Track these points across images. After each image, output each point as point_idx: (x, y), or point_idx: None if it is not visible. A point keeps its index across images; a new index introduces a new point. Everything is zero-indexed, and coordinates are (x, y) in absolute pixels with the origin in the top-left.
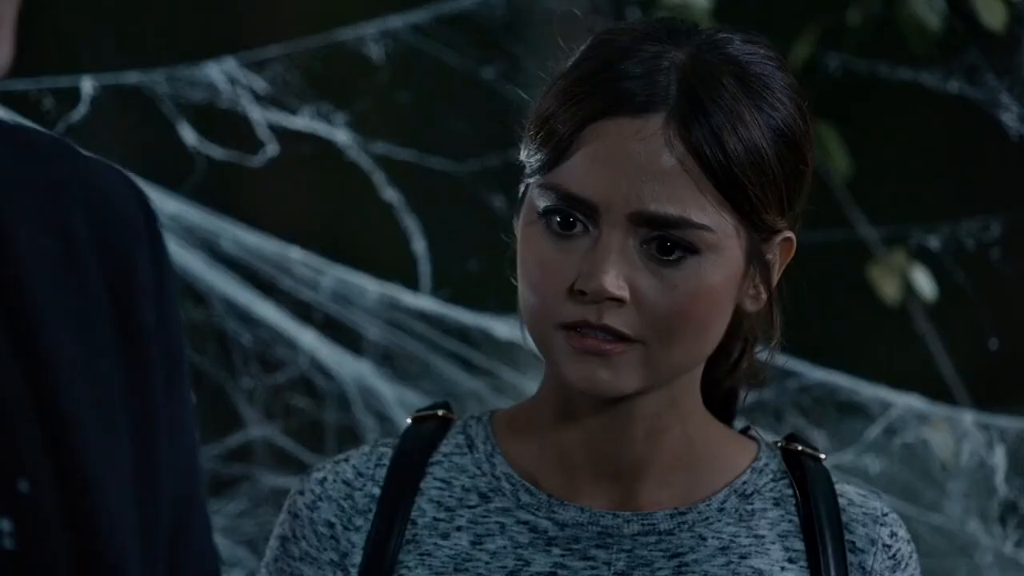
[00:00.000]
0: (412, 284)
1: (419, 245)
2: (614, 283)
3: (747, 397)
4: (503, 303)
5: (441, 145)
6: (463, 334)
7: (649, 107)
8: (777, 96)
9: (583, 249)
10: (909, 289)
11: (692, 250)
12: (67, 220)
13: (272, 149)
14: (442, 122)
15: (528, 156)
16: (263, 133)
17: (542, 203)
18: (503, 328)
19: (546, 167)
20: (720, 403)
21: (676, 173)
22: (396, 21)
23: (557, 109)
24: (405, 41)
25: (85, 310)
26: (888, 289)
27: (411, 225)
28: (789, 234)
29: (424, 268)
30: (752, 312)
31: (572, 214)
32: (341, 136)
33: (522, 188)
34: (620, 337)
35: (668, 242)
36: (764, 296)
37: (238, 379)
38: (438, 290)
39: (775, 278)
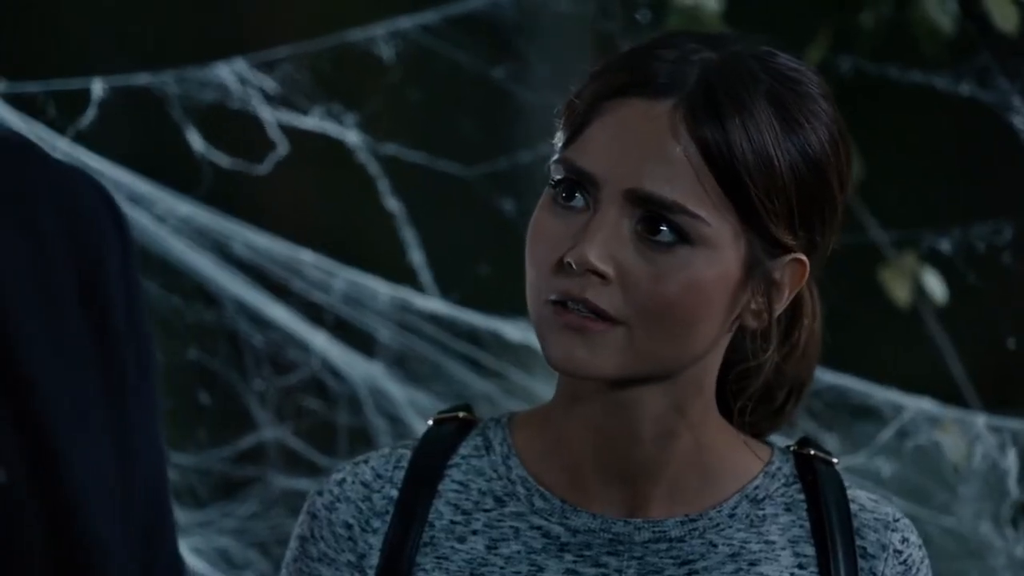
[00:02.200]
0: (422, 287)
1: (430, 247)
2: (598, 256)
3: (767, 420)
4: (513, 306)
5: (451, 147)
6: (474, 337)
7: (664, 91)
8: (808, 117)
9: (581, 224)
10: (920, 292)
11: (685, 239)
12: (36, 223)
13: (283, 150)
14: (452, 123)
15: (556, 139)
16: (274, 134)
17: (553, 178)
18: (513, 331)
19: (564, 144)
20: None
21: (678, 160)
22: (406, 22)
23: (583, 88)
24: (415, 42)
25: (56, 313)
26: (899, 292)
27: (423, 228)
28: (801, 256)
29: (432, 270)
30: (757, 330)
31: (576, 188)
32: (352, 137)
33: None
34: (601, 315)
35: (661, 224)
36: (766, 316)
37: (250, 381)
38: (447, 293)
39: (779, 300)
